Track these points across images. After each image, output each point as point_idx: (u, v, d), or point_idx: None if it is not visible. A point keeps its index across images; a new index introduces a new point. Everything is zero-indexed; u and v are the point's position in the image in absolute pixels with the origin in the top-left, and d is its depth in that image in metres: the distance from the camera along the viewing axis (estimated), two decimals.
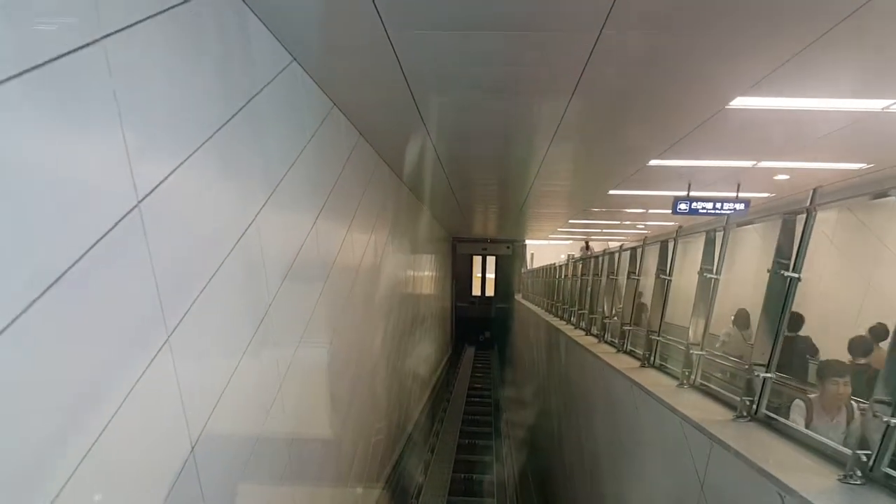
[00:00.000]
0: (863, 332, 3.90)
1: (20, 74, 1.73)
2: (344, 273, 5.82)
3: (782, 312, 2.75)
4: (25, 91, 1.76)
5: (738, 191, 8.80)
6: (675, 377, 4.14)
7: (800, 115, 5.16)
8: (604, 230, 17.83)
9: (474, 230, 20.11)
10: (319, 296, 4.87)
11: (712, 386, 3.64)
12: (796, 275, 2.64)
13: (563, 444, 7.99)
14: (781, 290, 2.72)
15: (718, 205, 8.76)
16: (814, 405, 2.48)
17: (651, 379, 4.23)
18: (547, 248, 25.98)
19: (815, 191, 2.56)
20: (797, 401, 2.55)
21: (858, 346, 3.66)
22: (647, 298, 5.16)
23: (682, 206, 8.77)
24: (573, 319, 8.98)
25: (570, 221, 15.24)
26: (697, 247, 4.05)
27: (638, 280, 5.38)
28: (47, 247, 1.86)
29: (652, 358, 4.65)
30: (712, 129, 5.58)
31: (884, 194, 2.44)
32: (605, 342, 6.41)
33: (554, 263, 14.17)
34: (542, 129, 5.96)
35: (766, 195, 9.48)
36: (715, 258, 3.67)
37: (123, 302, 2.24)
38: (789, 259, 2.70)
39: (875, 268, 5.97)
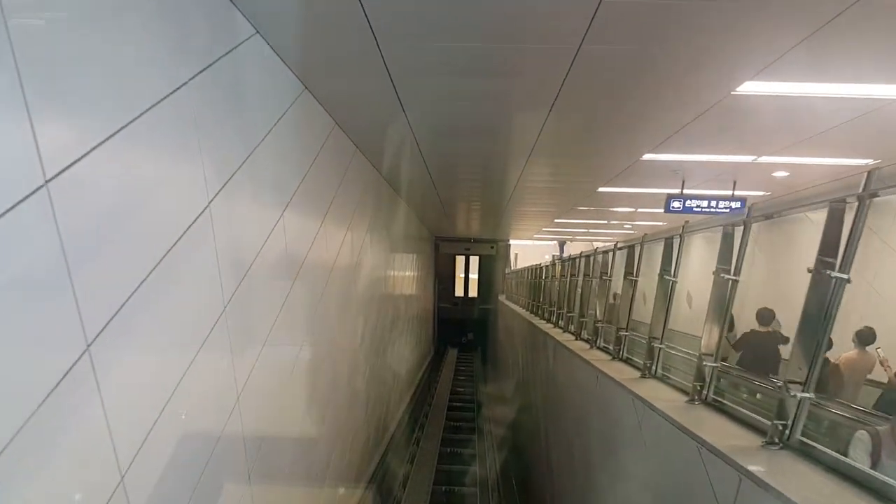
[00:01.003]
0: None
1: None
2: (316, 271, 5.35)
3: (825, 321, 2.30)
4: None
5: (733, 189, 8.43)
6: (682, 390, 3.69)
7: (809, 102, 4.74)
8: (590, 230, 17.47)
9: (458, 229, 19.63)
10: (286, 295, 4.37)
11: (728, 403, 3.18)
12: (844, 275, 2.19)
13: (552, 454, 7.55)
14: (825, 293, 2.27)
15: (713, 203, 8.38)
16: (883, 440, 2.01)
17: (655, 392, 3.77)
18: (531, 249, 25.64)
19: (869, 173, 2.11)
20: (861, 433, 2.09)
21: None
22: (649, 302, 4.73)
23: (676, 204, 8.38)
24: (561, 322, 8.54)
25: (557, 221, 14.83)
26: (698, 245, 3.61)
27: (636, 281, 4.94)
28: None
29: (654, 367, 4.20)
30: (714, 119, 5.16)
31: None
32: (598, 348, 5.97)
33: (539, 264, 13.77)
34: (530, 119, 5.50)
35: (760, 193, 9.15)
36: (733, 257, 3.22)
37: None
38: (834, 257, 2.25)
39: None
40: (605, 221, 14.75)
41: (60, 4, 1.93)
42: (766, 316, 5.22)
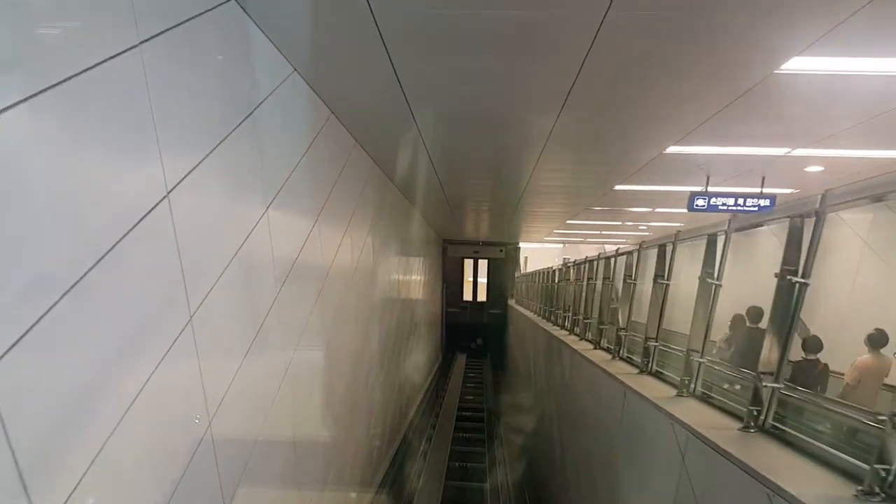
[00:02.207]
0: None
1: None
2: (311, 276, 4.88)
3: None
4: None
5: (762, 185, 7.85)
6: (731, 413, 3.14)
7: (863, 82, 4.20)
8: (602, 231, 16.88)
9: (466, 232, 19.09)
10: (274, 301, 3.88)
11: (797, 434, 2.62)
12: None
13: (568, 469, 6.98)
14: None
15: (741, 200, 7.79)
16: None
17: (700, 416, 3.22)
18: (542, 252, 25.06)
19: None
20: None
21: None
22: (684, 309, 4.19)
23: (700, 202, 7.79)
24: (577, 329, 7.99)
25: (568, 222, 14.27)
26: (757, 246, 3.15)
27: (667, 285, 4.39)
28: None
29: (693, 385, 3.64)
30: (751, 104, 4.61)
31: None
32: (622, 359, 5.41)
33: (551, 267, 13.24)
34: (545, 106, 4.97)
35: (789, 191, 8.56)
36: (803, 256, 2.68)
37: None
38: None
39: None
40: (619, 223, 14.16)
41: None
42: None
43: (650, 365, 4.48)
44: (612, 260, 6.44)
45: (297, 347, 4.40)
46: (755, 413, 2.86)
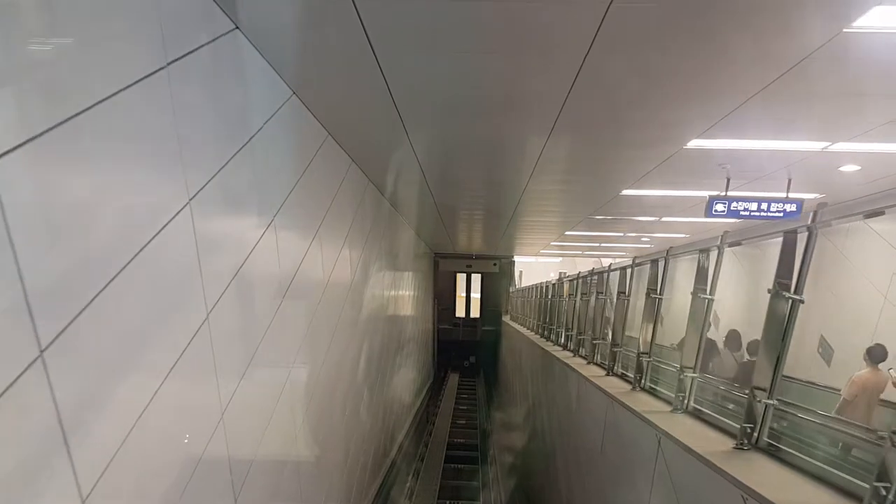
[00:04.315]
0: None
1: None
2: (304, 292, 4.64)
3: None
4: None
5: (788, 189, 7.03)
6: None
7: None
8: (602, 244, 16.05)
9: (458, 245, 18.20)
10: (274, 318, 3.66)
11: None
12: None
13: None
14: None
15: (764, 205, 6.96)
16: None
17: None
18: (537, 266, 24.22)
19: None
20: None
21: None
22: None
23: (719, 207, 6.95)
24: (582, 350, 7.08)
25: (567, 233, 13.43)
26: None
27: (709, 301, 3.51)
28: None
29: (756, 434, 2.74)
30: (801, 79, 3.77)
31: None
32: (643, 389, 4.50)
33: (548, 282, 12.38)
34: (548, 90, 4.13)
35: (814, 196, 7.74)
36: None
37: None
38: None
39: None
40: (621, 234, 13.33)
41: None
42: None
43: (687, 401, 3.60)
44: (629, 271, 5.58)
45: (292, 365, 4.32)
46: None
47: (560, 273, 22.61)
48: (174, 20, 2.44)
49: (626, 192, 7.94)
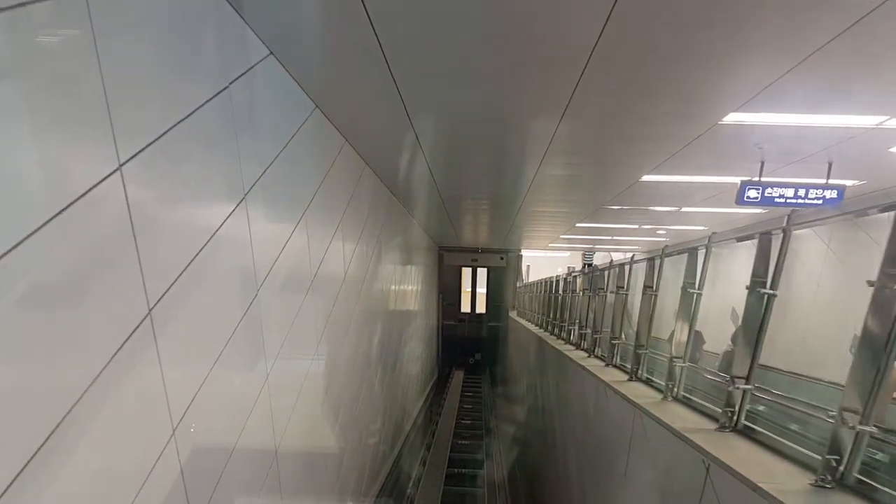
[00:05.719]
0: None
1: None
2: (294, 285, 4.39)
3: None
4: None
5: (828, 175, 6.35)
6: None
7: None
8: (614, 237, 15.36)
9: (464, 238, 17.55)
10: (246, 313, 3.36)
11: None
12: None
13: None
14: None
15: (801, 192, 6.29)
16: None
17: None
18: (545, 261, 23.57)
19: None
20: None
21: None
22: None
23: (752, 193, 6.29)
24: (598, 352, 6.44)
25: (578, 225, 12.76)
26: None
27: (770, 296, 2.86)
28: None
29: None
30: (863, 37, 3.13)
31: None
32: (675, 399, 3.85)
33: (558, 275, 11.73)
34: (563, 63, 3.47)
35: (853, 183, 7.06)
36: None
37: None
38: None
39: None
40: (636, 226, 12.64)
41: None
42: None
43: (736, 417, 2.96)
44: (656, 262, 4.93)
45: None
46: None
47: (569, 267, 21.94)
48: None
49: (646, 177, 7.27)
